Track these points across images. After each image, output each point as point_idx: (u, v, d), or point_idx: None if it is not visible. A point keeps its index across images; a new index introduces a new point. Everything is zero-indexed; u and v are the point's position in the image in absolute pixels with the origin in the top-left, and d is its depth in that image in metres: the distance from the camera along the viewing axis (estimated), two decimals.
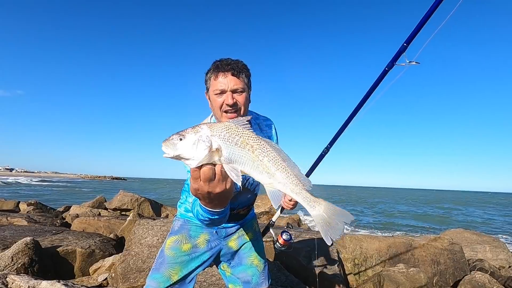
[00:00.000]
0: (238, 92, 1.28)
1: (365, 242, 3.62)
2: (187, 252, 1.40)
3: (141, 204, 8.06)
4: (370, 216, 19.41)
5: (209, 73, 1.32)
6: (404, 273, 3.04)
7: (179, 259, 1.38)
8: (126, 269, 2.87)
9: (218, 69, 1.27)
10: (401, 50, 1.42)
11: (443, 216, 21.21)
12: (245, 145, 0.78)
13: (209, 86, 1.32)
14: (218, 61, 1.30)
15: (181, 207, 1.51)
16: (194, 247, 1.41)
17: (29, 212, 8.26)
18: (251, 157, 0.78)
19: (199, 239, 1.43)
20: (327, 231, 0.79)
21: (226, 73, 1.26)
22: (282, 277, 2.82)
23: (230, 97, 1.25)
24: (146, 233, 3.19)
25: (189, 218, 1.46)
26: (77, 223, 5.26)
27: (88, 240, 3.74)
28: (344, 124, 1.65)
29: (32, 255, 2.94)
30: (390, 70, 1.47)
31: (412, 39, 1.39)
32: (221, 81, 1.26)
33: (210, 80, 1.31)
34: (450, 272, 3.53)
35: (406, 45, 1.40)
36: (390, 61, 1.45)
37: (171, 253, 1.39)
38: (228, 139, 0.77)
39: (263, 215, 8.59)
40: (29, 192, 28.49)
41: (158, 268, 1.37)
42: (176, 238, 1.42)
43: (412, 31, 1.38)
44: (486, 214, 24.02)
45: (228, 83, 1.25)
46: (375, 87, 1.53)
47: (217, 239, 1.46)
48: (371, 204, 30.01)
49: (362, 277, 3.42)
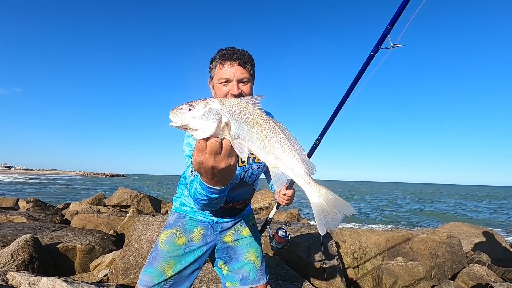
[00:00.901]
0: (244, 82, 1.26)
1: (364, 236, 3.64)
2: (182, 246, 1.36)
3: (141, 200, 8.07)
4: (369, 210, 19.51)
5: (214, 61, 1.28)
6: (403, 266, 3.07)
7: (173, 253, 1.34)
8: (126, 265, 2.88)
9: (224, 57, 1.24)
10: (385, 33, 1.34)
11: (440, 211, 21.35)
12: (254, 123, 0.75)
13: (214, 75, 1.28)
14: (224, 50, 1.26)
15: (176, 201, 1.48)
16: (188, 241, 1.37)
17: (28, 209, 8.26)
18: (259, 136, 0.75)
19: (194, 233, 1.39)
20: (322, 220, 0.76)
21: (232, 62, 1.22)
22: (281, 271, 2.83)
23: (235, 87, 1.23)
24: (145, 229, 3.19)
25: (184, 212, 1.43)
26: (76, 220, 5.26)
27: (88, 237, 3.75)
28: (334, 113, 1.55)
29: (32, 252, 2.94)
30: (376, 54, 1.39)
31: (396, 21, 1.31)
32: (227, 70, 1.23)
33: (215, 69, 1.27)
34: (448, 265, 3.56)
35: (390, 28, 1.32)
36: (375, 45, 1.38)
37: (165, 247, 1.34)
38: (238, 115, 0.74)
39: (262, 210, 8.61)
40: (28, 189, 28.46)
41: (152, 262, 1.33)
42: (170, 231, 1.38)
43: (395, 13, 1.30)
44: (482, 207, 24.18)
45: (234, 73, 1.22)
46: (362, 73, 1.44)
47: (212, 234, 1.42)
48: (369, 198, 30.15)
49: (361, 271, 3.45)
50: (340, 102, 1.52)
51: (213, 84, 1.30)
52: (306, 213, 15.40)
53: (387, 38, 1.35)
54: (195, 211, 1.42)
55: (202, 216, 1.42)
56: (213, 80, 1.29)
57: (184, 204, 1.44)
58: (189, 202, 1.43)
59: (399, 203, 26.00)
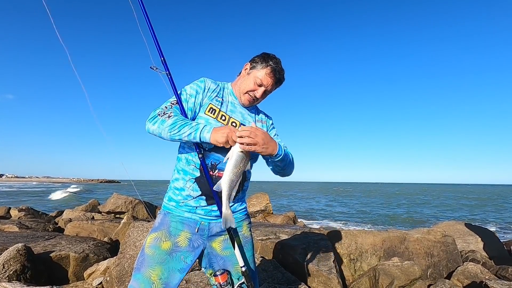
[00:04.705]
0: (267, 93, 1.48)
1: (360, 237, 3.66)
2: (167, 250, 1.31)
3: (135, 206, 7.99)
4: (364, 211, 19.62)
5: (264, 63, 1.43)
6: (399, 266, 3.09)
7: (159, 258, 1.30)
8: (121, 272, 2.84)
9: (271, 69, 1.42)
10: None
11: (434, 211, 21.56)
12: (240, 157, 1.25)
13: (255, 69, 1.44)
14: (275, 63, 1.43)
15: (165, 197, 1.44)
16: (174, 245, 1.32)
17: (20, 218, 8.12)
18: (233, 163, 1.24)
19: (179, 237, 1.34)
20: (224, 222, 1.26)
21: (274, 76, 1.43)
22: (278, 274, 2.83)
23: (261, 93, 1.44)
24: (141, 235, 3.16)
25: (170, 210, 1.38)
26: (70, 228, 5.19)
27: (81, 245, 3.69)
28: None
29: (24, 262, 2.89)
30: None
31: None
32: (266, 78, 1.42)
33: (259, 67, 1.43)
34: (444, 264, 3.59)
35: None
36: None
37: (151, 252, 1.31)
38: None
39: (258, 214, 8.59)
40: (21, 197, 27.96)
41: (139, 268, 1.30)
42: (155, 235, 1.34)
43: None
44: (473, 206, 24.51)
45: (269, 84, 1.44)
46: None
47: (199, 238, 1.36)
48: (364, 199, 30.33)
49: (358, 272, 3.45)
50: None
51: (248, 73, 1.46)
52: (302, 216, 15.42)
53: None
54: (181, 205, 1.36)
55: (188, 211, 1.35)
56: (252, 71, 1.45)
57: (171, 199, 1.39)
58: (176, 193, 1.38)
59: (394, 203, 26.20)
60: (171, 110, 1.30)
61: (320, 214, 17.71)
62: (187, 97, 1.37)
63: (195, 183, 1.36)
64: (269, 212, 8.70)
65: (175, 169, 1.45)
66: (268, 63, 1.42)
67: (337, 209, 20.52)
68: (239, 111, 1.47)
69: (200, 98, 1.39)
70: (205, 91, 1.40)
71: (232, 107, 1.46)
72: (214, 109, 1.40)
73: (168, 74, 1.37)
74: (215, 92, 1.43)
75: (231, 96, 1.48)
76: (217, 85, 1.45)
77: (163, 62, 1.38)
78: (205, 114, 1.38)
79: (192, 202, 1.35)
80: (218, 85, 1.46)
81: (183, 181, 1.38)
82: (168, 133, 1.24)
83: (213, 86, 1.43)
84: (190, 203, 1.36)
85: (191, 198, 1.35)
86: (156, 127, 1.26)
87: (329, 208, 21.01)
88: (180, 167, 1.41)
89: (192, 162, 1.37)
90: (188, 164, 1.38)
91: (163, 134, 1.26)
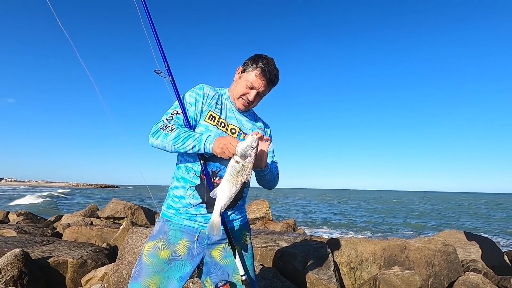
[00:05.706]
0: (260, 95, 1.46)
1: (360, 245, 3.63)
2: (166, 259, 1.29)
3: (135, 212, 7.95)
4: (364, 219, 19.49)
5: (255, 64, 1.41)
6: (399, 275, 3.06)
7: (157, 267, 1.28)
8: (119, 279, 2.81)
9: (261, 70, 1.39)
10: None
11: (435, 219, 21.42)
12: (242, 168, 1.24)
13: (246, 72, 1.42)
14: (265, 63, 1.39)
15: (164, 205, 1.43)
16: (173, 254, 1.31)
17: (18, 222, 8.07)
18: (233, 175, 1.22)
19: (178, 245, 1.32)
20: (209, 229, 1.21)
21: (264, 77, 1.40)
22: (278, 283, 2.80)
23: (253, 96, 1.42)
24: (139, 241, 3.14)
25: (169, 218, 1.37)
26: (68, 233, 5.16)
27: (80, 250, 3.67)
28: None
29: (22, 267, 2.86)
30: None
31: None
32: (256, 80, 1.40)
33: (249, 70, 1.41)
34: (445, 273, 3.56)
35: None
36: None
37: (149, 261, 1.29)
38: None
39: (258, 221, 8.54)
40: (20, 202, 27.83)
41: (136, 277, 1.28)
42: (154, 243, 1.32)
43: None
44: (476, 215, 24.36)
45: (260, 86, 1.41)
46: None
47: (199, 247, 1.35)
48: (364, 207, 30.17)
49: (358, 281, 3.42)
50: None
51: (240, 76, 1.45)
52: (302, 223, 15.32)
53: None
54: (180, 213, 1.34)
55: (187, 218, 1.34)
56: (243, 75, 1.43)
57: (170, 207, 1.38)
58: (175, 201, 1.37)
59: (394, 211, 26.06)
60: (173, 121, 1.30)
61: (320, 221, 17.61)
62: (187, 106, 1.37)
63: (195, 191, 1.35)
64: (269, 219, 8.65)
65: (174, 177, 1.44)
66: (258, 64, 1.40)
67: (337, 217, 20.39)
68: (237, 117, 1.47)
69: (200, 106, 1.39)
70: (204, 98, 1.41)
71: (230, 114, 1.46)
72: (214, 116, 1.40)
73: (172, 80, 1.38)
74: (214, 99, 1.43)
75: (228, 102, 1.48)
76: (215, 91, 1.45)
77: (167, 68, 1.39)
78: (205, 121, 1.38)
79: (192, 210, 1.35)
80: (216, 91, 1.46)
81: (183, 189, 1.37)
82: (173, 147, 1.25)
83: (212, 93, 1.43)
84: (190, 210, 1.35)
85: (191, 206, 1.35)
86: (159, 142, 1.26)
87: (329, 216, 20.88)
88: (180, 175, 1.40)
89: (192, 170, 1.37)
90: (188, 172, 1.38)
91: (168, 148, 1.27)
